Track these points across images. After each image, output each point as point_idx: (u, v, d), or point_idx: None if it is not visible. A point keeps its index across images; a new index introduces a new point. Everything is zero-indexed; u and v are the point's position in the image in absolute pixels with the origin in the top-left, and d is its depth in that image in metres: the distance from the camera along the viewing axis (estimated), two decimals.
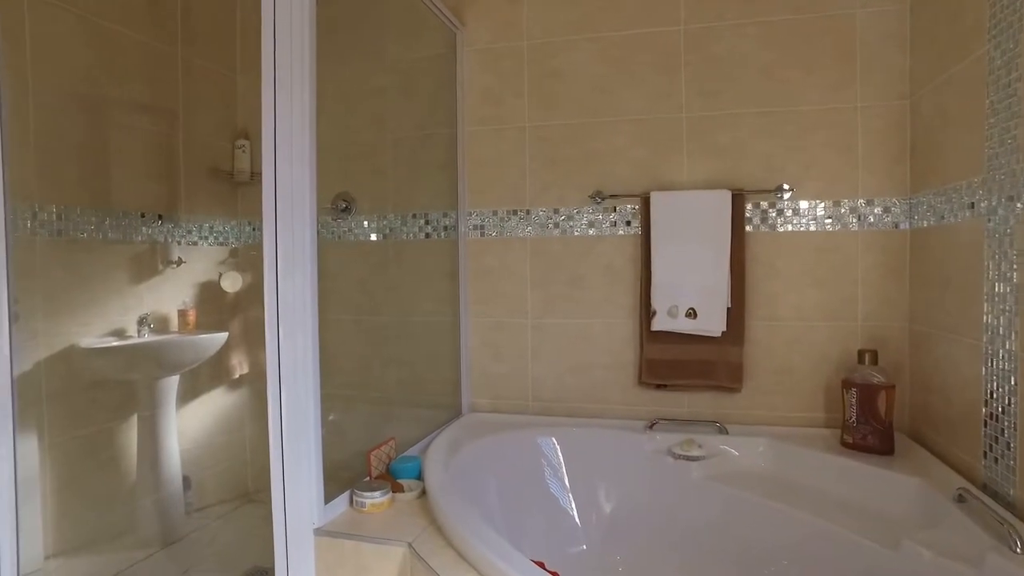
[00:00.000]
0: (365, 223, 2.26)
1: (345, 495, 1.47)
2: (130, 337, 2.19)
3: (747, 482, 1.71)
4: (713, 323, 1.91)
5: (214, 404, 2.55)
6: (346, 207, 2.24)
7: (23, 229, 1.83)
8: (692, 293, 1.93)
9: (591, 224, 2.10)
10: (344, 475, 1.59)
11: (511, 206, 2.16)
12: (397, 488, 1.53)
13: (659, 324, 1.95)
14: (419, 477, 1.62)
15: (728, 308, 1.92)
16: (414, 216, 2.21)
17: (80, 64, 2.01)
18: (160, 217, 2.31)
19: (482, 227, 2.19)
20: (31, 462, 1.92)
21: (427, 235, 2.20)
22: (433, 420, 2.06)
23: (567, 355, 2.13)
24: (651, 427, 1.94)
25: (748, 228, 1.96)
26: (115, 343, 2.11)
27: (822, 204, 1.92)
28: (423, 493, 1.53)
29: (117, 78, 2.13)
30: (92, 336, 2.09)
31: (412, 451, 1.81)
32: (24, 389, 1.87)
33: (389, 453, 1.67)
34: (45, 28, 1.89)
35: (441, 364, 2.19)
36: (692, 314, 1.93)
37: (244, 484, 2.64)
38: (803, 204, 1.93)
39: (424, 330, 2.21)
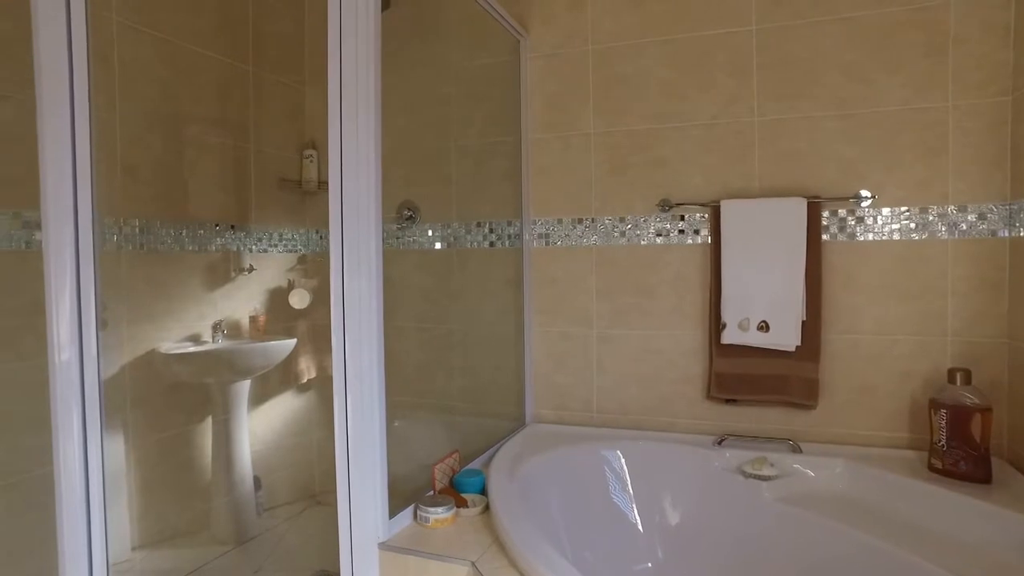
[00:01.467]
0: (429, 231, 2.28)
1: (409, 509, 1.47)
2: (205, 342, 2.27)
3: (823, 505, 1.62)
4: (787, 337, 1.83)
5: (283, 407, 2.63)
6: (411, 215, 2.26)
7: (110, 243, 1.92)
8: (764, 305, 1.85)
9: (659, 233, 2.04)
10: (408, 487, 1.60)
11: (576, 214, 2.13)
12: (461, 503, 1.53)
13: (729, 337, 1.88)
14: (483, 491, 1.61)
15: (803, 321, 1.83)
16: (478, 224, 2.20)
17: (160, 84, 2.10)
18: (232, 227, 2.39)
19: (547, 236, 2.17)
20: (118, 461, 2.02)
21: (491, 244, 2.19)
22: (497, 430, 2.05)
23: (633, 367, 2.08)
24: (720, 443, 1.88)
25: (825, 237, 1.86)
26: (191, 348, 2.19)
27: (907, 211, 1.80)
28: (487, 508, 1.52)
29: (193, 95, 2.22)
30: (171, 341, 2.18)
31: (476, 463, 1.81)
32: (111, 393, 1.97)
33: (453, 466, 1.67)
34: (131, 51, 1.98)
35: (505, 374, 2.18)
36: (764, 327, 1.85)
37: (311, 486, 2.71)
38: (885, 211, 1.82)
39: (488, 339, 2.21)
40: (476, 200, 2.23)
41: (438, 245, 2.28)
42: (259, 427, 2.52)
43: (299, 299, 2.49)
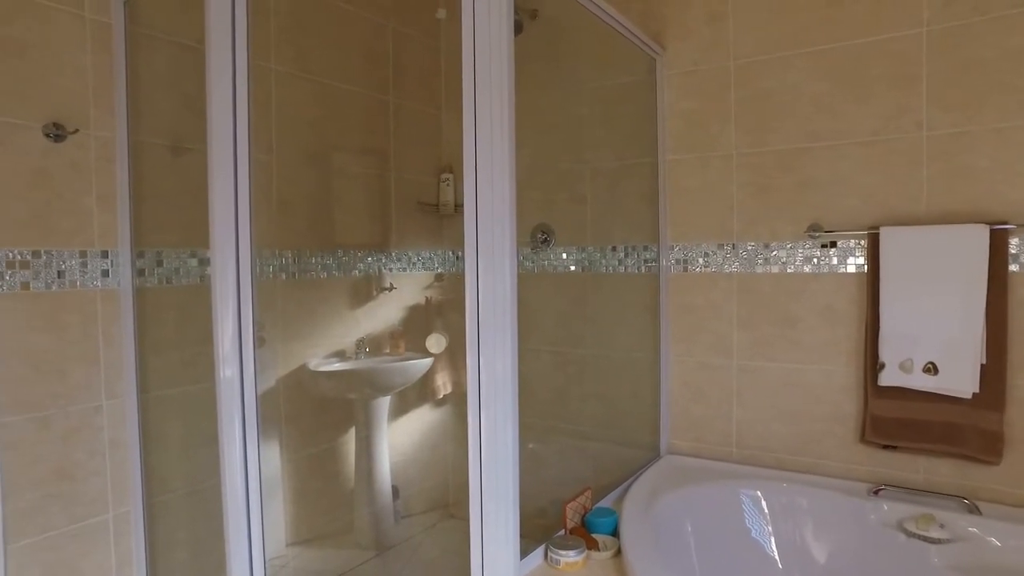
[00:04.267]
0: (564, 254, 2.27)
1: (540, 550, 1.48)
2: (349, 358, 2.41)
3: None
4: (961, 382, 1.62)
5: (420, 421, 2.73)
6: (545, 238, 2.26)
7: (267, 274, 2.09)
8: (932, 345, 1.66)
9: (807, 260, 1.89)
10: (539, 523, 1.61)
11: (716, 239, 2.02)
12: (592, 544, 1.50)
13: (888, 379, 1.71)
14: (614, 533, 1.58)
15: (982, 364, 1.61)
16: (613, 248, 2.16)
17: (311, 122, 2.24)
18: (374, 251, 2.51)
19: (685, 261, 2.08)
20: (274, 467, 2.20)
21: (626, 268, 2.14)
22: (631, 460, 2.01)
23: (776, 401, 1.95)
24: (876, 493, 1.71)
25: (1013, 268, 1.63)
26: (336, 366, 2.33)
27: None
28: (618, 552, 1.49)
29: (339, 129, 2.35)
30: (318, 358, 2.33)
31: (609, 499, 1.78)
32: (267, 405, 2.14)
33: (585, 504, 1.65)
34: (286, 95, 2.13)
35: (639, 402, 2.12)
36: (932, 369, 1.65)
37: (445, 497, 2.80)
38: None
39: (622, 366, 2.17)
40: (611, 223, 2.19)
41: (572, 268, 2.26)
42: (397, 439, 2.64)
43: (435, 343, 2.55)
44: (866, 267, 1.80)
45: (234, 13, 1.51)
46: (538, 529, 1.56)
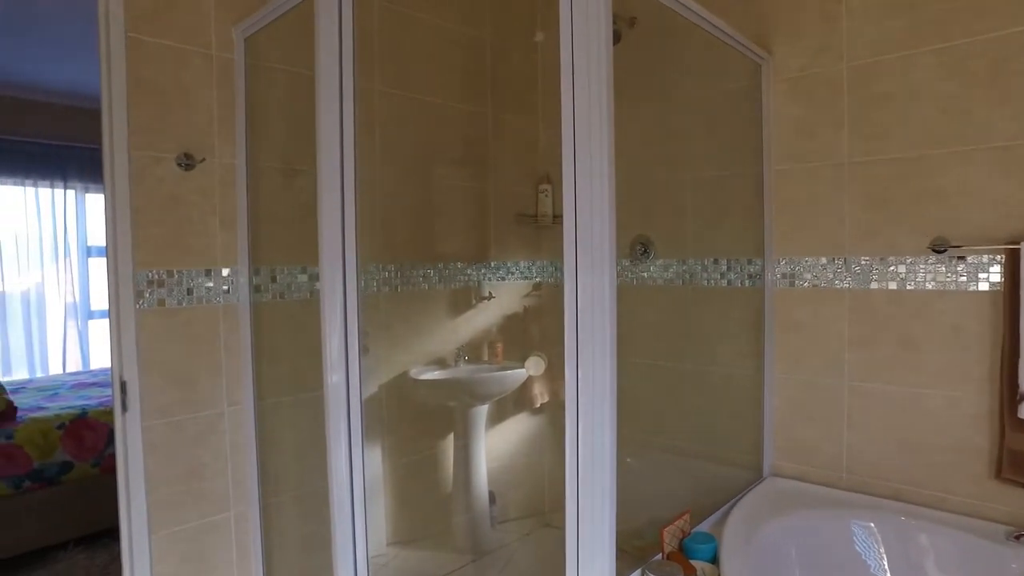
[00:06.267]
0: (663, 267, 2.22)
1: (635, 574, 1.45)
2: (448, 366, 2.47)
3: None
4: None
5: (517, 428, 2.76)
6: (644, 251, 2.22)
7: (372, 287, 2.18)
8: None
9: (929, 277, 1.74)
10: (636, 544, 1.58)
11: (826, 253, 1.91)
12: (690, 571, 1.47)
13: None
14: (714, 560, 1.53)
15: None
16: (715, 261, 2.09)
17: (412, 139, 2.31)
18: (473, 262, 2.56)
19: (792, 276, 1.98)
20: (376, 469, 2.30)
21: (729, 282, 2.06)
22: (732, 481, 1.94)
23: (893, 427, 1.82)
24: (1018, 538, 1.55)
25: None
26: (436, 375, 2.40)
27: None
28: None
29: (439, 144, 2.41)
30: (419, 366, 2.41)
31: (708, 522, 1.72)
32: (371, 410, 2.24)
33: (683, 527, 1.61)
34: (388, 114, 2.21)
35: (741, 420, 2.05)
36: None
37: (541, 504, 2.81)
38: None
39: (724, 383, 2.09)
40: (713, 235, 2.12)
41: (672, 281, 2.21)
42: (495, 445, 2.68)
43: (535, 366, 2.56)
44: (1002, 285, 1.64)
45: (341, 40, 1.58)
46: (634, 551, 1.54)
